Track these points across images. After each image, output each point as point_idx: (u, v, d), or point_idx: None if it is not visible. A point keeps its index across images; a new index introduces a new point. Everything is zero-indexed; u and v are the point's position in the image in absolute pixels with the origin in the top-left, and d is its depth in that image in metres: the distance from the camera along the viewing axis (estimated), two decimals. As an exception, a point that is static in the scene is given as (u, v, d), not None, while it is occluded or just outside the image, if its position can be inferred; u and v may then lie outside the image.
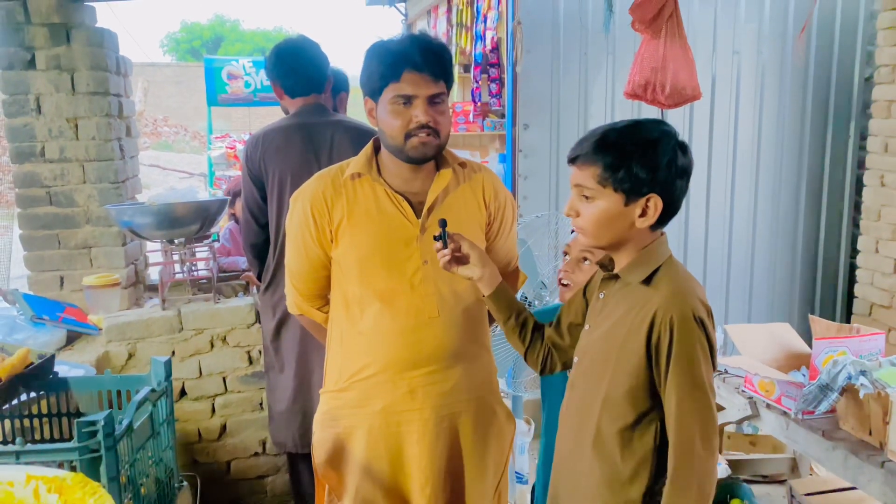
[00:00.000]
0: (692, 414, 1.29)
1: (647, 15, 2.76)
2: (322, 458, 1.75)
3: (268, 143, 2.37)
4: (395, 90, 1.56)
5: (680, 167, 1.30)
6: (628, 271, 1.38)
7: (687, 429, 1.29)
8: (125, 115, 3.06)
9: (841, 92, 3.99)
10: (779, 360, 2.52)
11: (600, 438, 1.37)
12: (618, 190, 1.30)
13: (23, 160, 2.85)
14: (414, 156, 1.60)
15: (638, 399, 1.34)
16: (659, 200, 1.30)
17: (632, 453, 1.35)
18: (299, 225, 1.70)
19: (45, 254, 2.92)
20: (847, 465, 2.07)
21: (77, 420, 1.49)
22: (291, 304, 1.83)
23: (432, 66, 1.56)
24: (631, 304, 1.36)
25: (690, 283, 1.35)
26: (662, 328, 1.29)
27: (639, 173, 1.28)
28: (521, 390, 2.71)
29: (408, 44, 1.57)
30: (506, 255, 1.85)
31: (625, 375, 1.34)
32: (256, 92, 7.31)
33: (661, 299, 1.31)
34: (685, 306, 1.29)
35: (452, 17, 5.77)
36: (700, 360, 1.29)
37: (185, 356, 2.77)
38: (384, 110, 1.59)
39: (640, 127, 1.33)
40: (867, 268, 3.68)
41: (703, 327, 1.30)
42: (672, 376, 1.30)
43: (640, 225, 1.32)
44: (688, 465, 1.29)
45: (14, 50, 2.77)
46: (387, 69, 1.56)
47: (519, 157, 3.72)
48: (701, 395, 1.29)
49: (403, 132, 1.58)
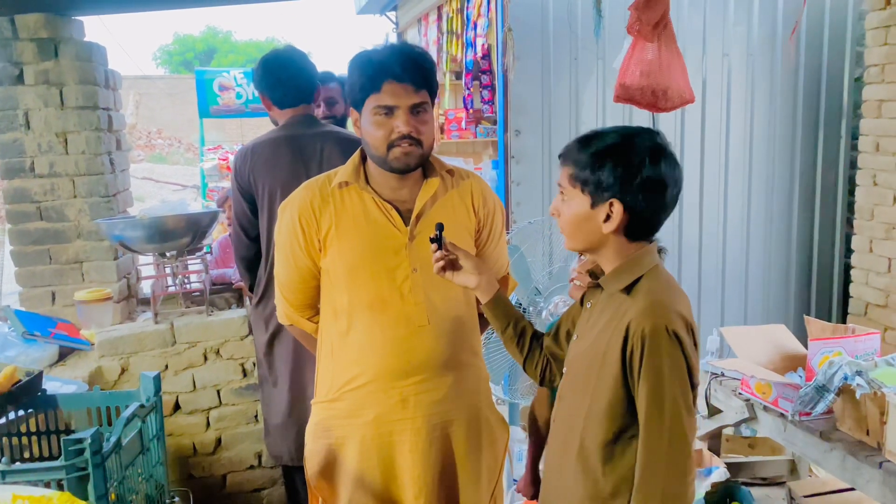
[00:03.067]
0: (658, 434, 1.23)
1: (654, 18, 2.74)
2: (314, 469, 1.74)
3: (256, 155, 2.35)
4: (376, 101, 1.56)
5: (648, 178, 1.26)
6: (608, 280, 1.35)
7: (650, 450, 1.24)
8: (115, 128, 3.05)
9: (831, 92, 4.00)
10: (775, 362, 2.51)
11: (584, 452, 1.34)
12: (584, 191, 1.30)
13: (12, 176, 2.84)
14: (396, 166, 1.60)
15: (616, 414, 1.29)
16: (620, 207, 1.27)
17: (613, 469, 1.30)
18: (287, 235, 1.69)
19: (36, 269, 2.90)
20: (845, 466, 2.06)
21: (64, 438, 1.47)
22: (281, 314, 1.82)
23: (413, 76, 1.56)
24: (612, 314, 1.32)
25: (671, 294, 1.29)
26: (635, 341, 1.24)
27: (601, 176, 1.27)
28: (517, 397, 2.70)
29: (388, 54, 1.57)
30: (496, 262, 1.84)
31: (605, 389, 1.30)
32: (248, 103, 7.31)
33: (635, 310, 1.26)
34: (658, 318, 1.23)
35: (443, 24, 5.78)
36: (669, 376, 1.22)
37: (178, 370, 2.75)
38: (367, 121, 1.59)
39: (618, 133, 1.31)
40: (862, 267, 3.68)
41: (677, 341, 1.23)
42: (640, 392, 1.24)
43: (604, 230, 1.30)
44: (651, 490, 1.23)
45: (2, 65, 2.76)
46: (367, 80, 1.56)
47: (511, 163, 3.72)
48: (669, 412, 1.22)
49: (386, 143, 1.57)
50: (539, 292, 2.54)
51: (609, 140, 1.29)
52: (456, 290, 1.70)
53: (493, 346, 2.47)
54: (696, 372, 1.27)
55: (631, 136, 1.29)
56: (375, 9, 7.26)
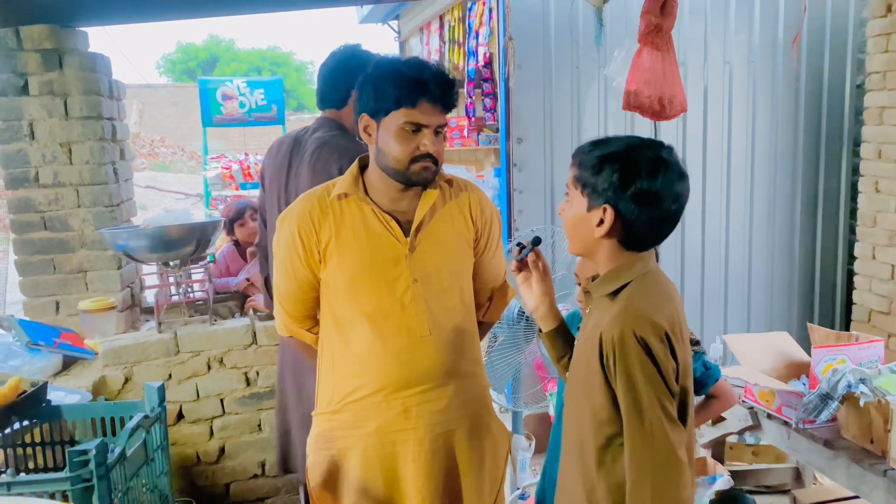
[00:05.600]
0: (641, 442, 1.24)
1: (671, 25, 2.76)
2: (317, 480, 1.73)
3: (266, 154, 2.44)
4: (408, 116, 1.56)
5: (642, 189, 1.26)
6: (596, 286, 1.37)
7: (635, 457, 1.24)
8: (119, 138, 3.06)
9: (833, 99, 4.01)
10: (778, 370, 2.51)
11: (582, 457, 1.35)
12: (583, 193, 1.32)
13: (17, 186, 2.85)
14: (416, 180, 1.61)
15: (603, 420, 1.30)
16: (612, 213, 1.28)
17: (607, 474, 1.31)
18: (286, 246, 1.68)
19: (40, 279, 2.91)
20: (849, 474, 2.06)
21: (69, 449, 1.48)
22: (280, 325, 1.82)
23: (446, 99, 1.58)
24: (597, 320, 1.33)
25: (650, 301, 1.29)
26: (608, 348, 1.26)
27: (598, 181, 1.29)
28: (520, 406, 2.70)
29: (426, 72, 1.56)
30: (494, 270, 1.85)
31: (592, 395, 1.31)
32: (251, 112, 7.32)
33: (609, 317, 1.28)
34: (626, 325, 1.24)
35: (445, 33, 5.80)
36: (643, 382, 1.23)
37: (182, 379, 2.75)
38: (390, 133, 1.58)
39: (625, 141, 1.32)
40: (865, 274, 3.67)
41: (645, 347, 1.23)
42: (619, 398, 1.26)
43: (596, 234, 1.31)
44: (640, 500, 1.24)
45: (7, 76, 2.77)
46: (402, 94, 1.55)
47: (513, 171, 3.73)
48: (648, 419, 1.23)
49: (409, 158, 1.58)
50: (542, 300, 2.54)
51: (614, 147, 1.31)
52: (456, 300, 1.71)
53: (496, 354, 2.47)
54: (671, 378, 1.26)
55: (636, 147, 1.31)
56: (378, 18, 7.29)
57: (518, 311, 2.47)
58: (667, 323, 1.26)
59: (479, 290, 1.83)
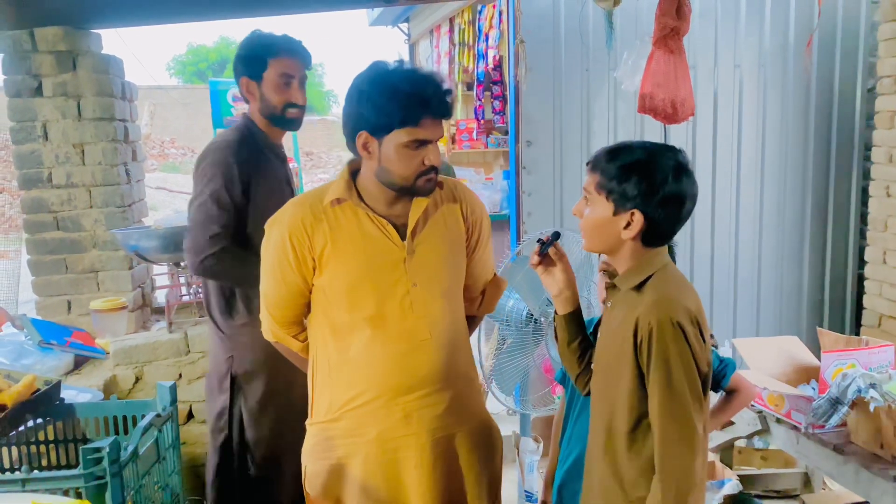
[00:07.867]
0: (670, 418, 1.34)
1: (687, 28, 2.76)
2: (317, 490, 1.71)
3: None
4: (412, 135, 1.53)
5: (669, 193, 1.37)
6: (622, 279, 1.47)
7: (664, 432, 1.35)
8: (131, 139, 3.09)
9: (844, 103, 3.99)
10: (788, 374, 2.50)
11: (610, 443, 1.46)
12: (609, 199, 1.41)
13: (30, 186, 2.88)
14: (423, 192, 1.62)
15: (634, 404, 1.41)
16: (641, 217, 1.38)
17: (636, 455, 1.42)
18: (276, 252, 1.65)
19: (52, 278, 2.94)
20: (859, 479, 2.06)
21: (83, 447, 1.49)
22: (266, 330, 1.78)
23: (445, 111, 1.57)
24: (626, 311, 1.43)
25: (678, 289, 1.41)
26: (643, 334, 1.36)
27: (627, 188, 1.38)
28: (529, 409, 2.69)
29: (428, 89, 1.53)
30: (484, 266, 1.86)
31: (624, 381, 1.41)
32: (261, 113, 7.34)
33: (643, 306, 1.38)
34: (663, 312, 1.35)
35: (455, 36, 5.82)
36: (676, 365, 1.34)
37: (192, 378, 2.77)
38: (392, 150, 1.55)
39: (645, 149, 1.41)
40: (875, 279, 3.65)
41: (682, 332, 1.34)
42: (651, 381, 1.36)
43: (624, 237, 1.41)
44: (667, 467, 1.35)
45: (21, 77, 2.80)
46: (405, 112, 1.52)
47: (522, 173, 3.72)
48: (678, 399, 1.34)
49: (416, 174, 1.58)
50: (550, 303, 2.54)
51: (636, 155, 1.40)
52: (453, 303, 1.72)
53: (504, 357, 2.47)
54: (703, 361, 1.37)
55: (656, 154, 1.40)
56: (388, 21, 7.32)
57: (527, 313, 2.47)
58: (695, 308, 1.39)
59: (472, 286, 1.84)
